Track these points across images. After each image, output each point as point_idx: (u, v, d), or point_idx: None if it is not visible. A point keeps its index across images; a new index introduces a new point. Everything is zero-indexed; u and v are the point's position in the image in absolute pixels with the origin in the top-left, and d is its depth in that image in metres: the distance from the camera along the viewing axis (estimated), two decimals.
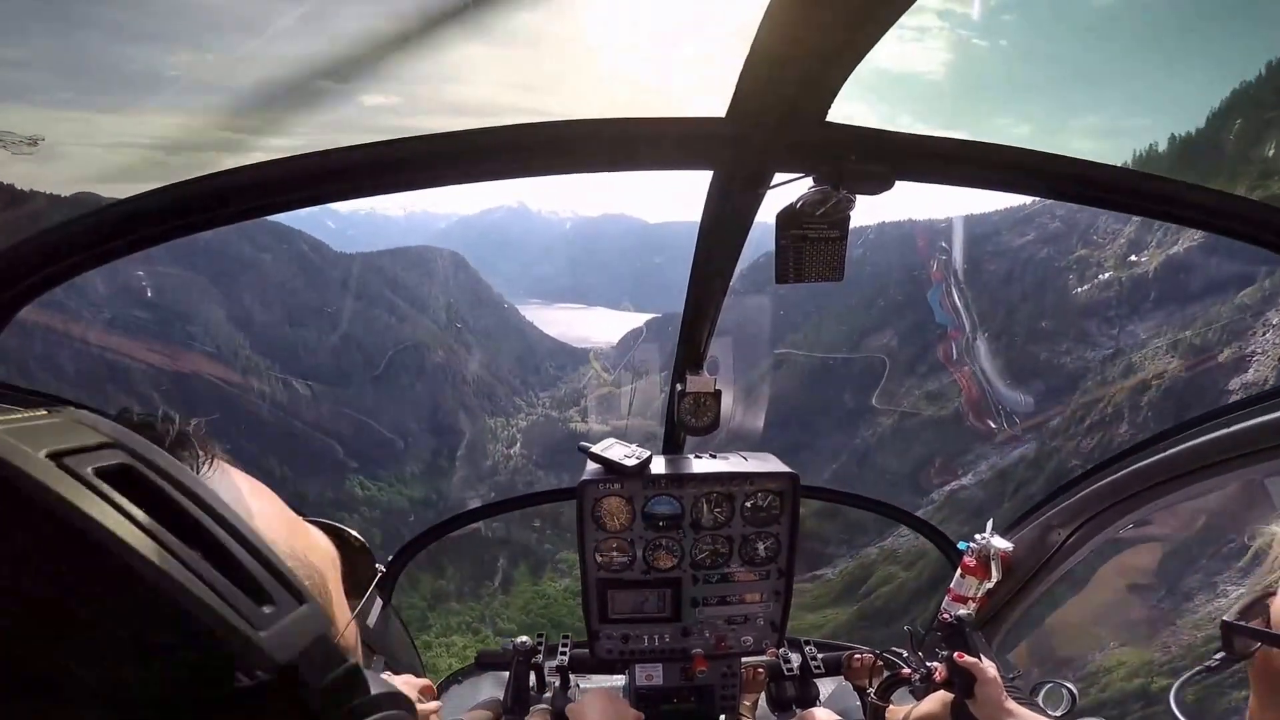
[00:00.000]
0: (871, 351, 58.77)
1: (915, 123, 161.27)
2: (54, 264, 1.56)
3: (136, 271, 55.91)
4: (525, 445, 70.05)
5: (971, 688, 1.99)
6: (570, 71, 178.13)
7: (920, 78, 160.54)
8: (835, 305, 66.56)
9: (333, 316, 73.32)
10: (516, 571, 50.01)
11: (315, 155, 1.52)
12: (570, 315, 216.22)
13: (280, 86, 1.47)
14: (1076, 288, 46.38)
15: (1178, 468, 2.43)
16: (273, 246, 74.30)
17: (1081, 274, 46.36)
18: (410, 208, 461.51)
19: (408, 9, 1.42)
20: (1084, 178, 1.72)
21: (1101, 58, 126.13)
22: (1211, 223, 1.82)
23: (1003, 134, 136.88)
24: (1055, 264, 50.63)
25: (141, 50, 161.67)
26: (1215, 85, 33.49)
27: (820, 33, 1.16)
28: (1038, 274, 51.13)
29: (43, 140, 2.29)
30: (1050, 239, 53.00)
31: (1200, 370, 32.83)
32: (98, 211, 1.53)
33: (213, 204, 1.57)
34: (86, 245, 1.56)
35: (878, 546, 42.03)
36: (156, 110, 17.71)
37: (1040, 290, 49.63)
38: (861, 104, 58.09)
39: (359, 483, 57.02)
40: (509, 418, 75.81)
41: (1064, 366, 43.36)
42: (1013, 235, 56.28)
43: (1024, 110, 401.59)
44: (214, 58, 27.28)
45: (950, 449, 45.90)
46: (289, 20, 14.68)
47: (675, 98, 37.36)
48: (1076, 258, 48.60)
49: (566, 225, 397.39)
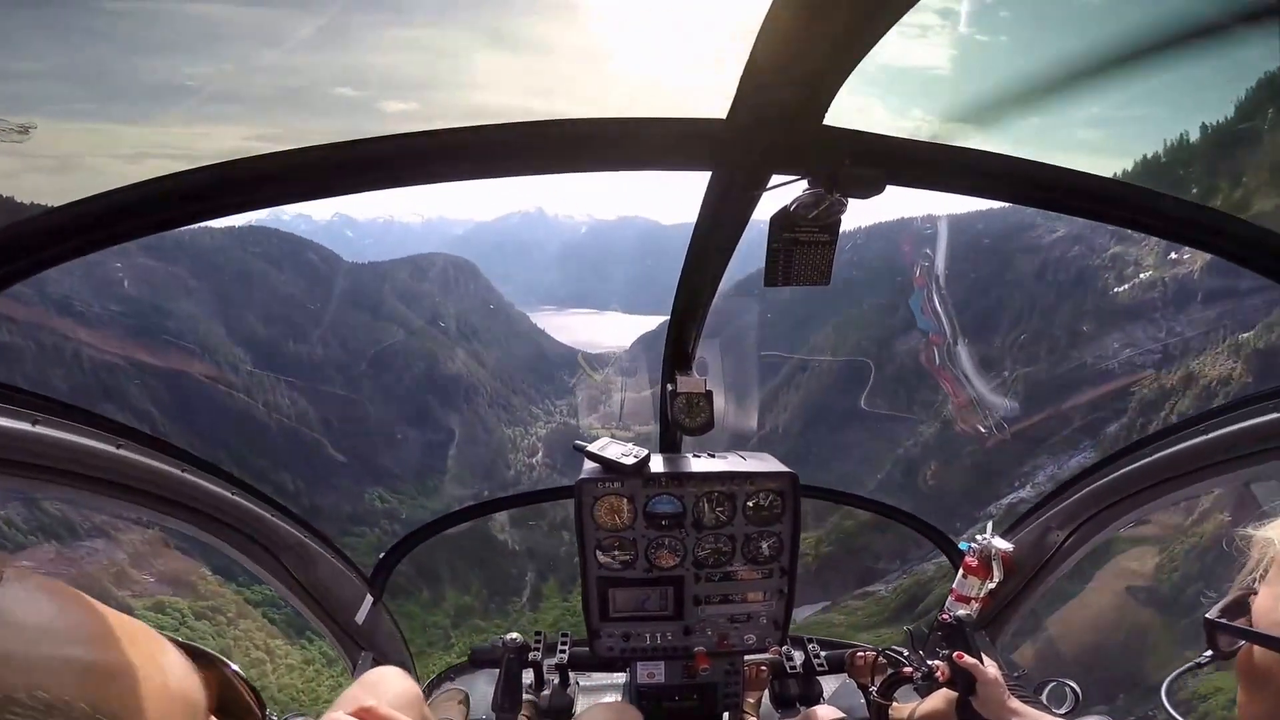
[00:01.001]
0: (901, 356, 56.70)
1: (916, 121, 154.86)
2: (30, 255, 1.52)
3: (138, 276, 55.61)
4: (546, 453, 68.59)
5: (974, 687, 2.01)
6: (577, 74, 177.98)
7: (922, 73, 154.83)
8: (860, 309, 64.21)
9: (341, 327, 72.38)
10: (545, 586, 48.13)
11: (318, 149, 1.53)
12: (585, 320, 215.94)
13: (300, 95, 1.49)
14: (1116, 287, 44.77)
15: (1174, 468, 2.44)
16: (281, 257, 73.76)
17: (1120, 273, 44.03)
18: (427, 214, 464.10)
19: (423, 19, 1.44)
20: (1074, 188, 1.74)
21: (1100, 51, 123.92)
22: (1203, 240, 1.84)
23: (1007, 130, 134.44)
24: (1089, 262, 48.74)
25: (160, 62, 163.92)
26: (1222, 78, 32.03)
27: (820, 35, 1.18)
28: (1072, 274, 49.16)
29: (34, 128, 2.32)
30: (1079, 237, 51.12)
31: (1268, 370, 31.38)
32: (84, 201, 1.50)
33: (217, 193, 1.56)
34: (71, 235, 1.53)
35: (934, 563, 39.37)
36: (177, 121, 18.08)
37: (1078, 291, 47.86)
38: (859, 99, 57.44)
39: (378, 496, 55.33)
40: (527, 427, 74.04)
41: (1113, 371, 41.32)
42: (1041, 232, 54.20)
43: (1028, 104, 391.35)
44: (232, 68, 27.61)
45: (1005, 459, 42.87)
46: (307, 30, 14.67)
47: (676, 99, 37.50)
48: (1111, 255, 46.91)
49: (582, 230, 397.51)
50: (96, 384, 45.14)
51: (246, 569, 2.80)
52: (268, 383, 58.17)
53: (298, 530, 2.82)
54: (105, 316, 53.73)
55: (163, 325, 57.06)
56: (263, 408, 55.13)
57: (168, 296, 59.62)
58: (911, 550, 40.17)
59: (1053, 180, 1.71)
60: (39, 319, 42.37)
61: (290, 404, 57.73)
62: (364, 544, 38.30)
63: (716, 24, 3.46)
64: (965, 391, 45.14)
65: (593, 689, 3.36)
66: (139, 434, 2.14)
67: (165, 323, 57.53)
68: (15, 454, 1.75)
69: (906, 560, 40.62)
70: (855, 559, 41.17)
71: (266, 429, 53.41)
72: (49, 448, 1.82)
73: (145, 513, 2.25)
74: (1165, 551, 22.15)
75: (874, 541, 41.19)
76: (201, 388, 54.03)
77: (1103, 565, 20.74)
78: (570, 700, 3.08)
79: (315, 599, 2.97)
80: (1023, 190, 1.75)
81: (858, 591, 39.91)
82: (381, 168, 1.58)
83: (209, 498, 2.40)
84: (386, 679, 2.16)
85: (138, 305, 56.68)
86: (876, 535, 40.58)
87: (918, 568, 38.83)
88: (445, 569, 40.93)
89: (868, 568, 41.27)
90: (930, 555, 39.13)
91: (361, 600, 3.15)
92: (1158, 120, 74.09)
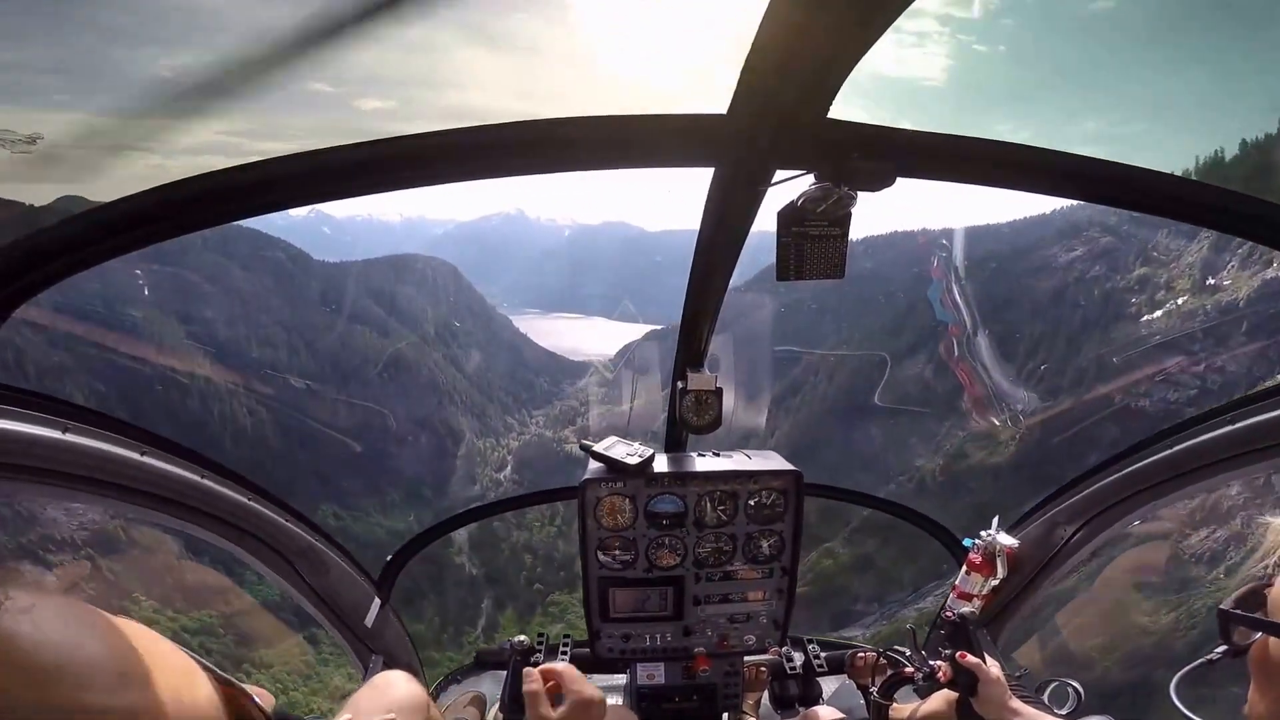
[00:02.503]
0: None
1: (916, 126, 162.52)
2: (46, 265, 1.54)
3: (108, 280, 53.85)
4: (516, 469, 66.17)
5: (975, 687, 1.99)
6: (571, 70, 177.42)
7: (920, 82, 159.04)
8: (875, 317, 62.22)
9: (309, 331, 69.34)
10: (503, 616, 46.30)
11: (307, 155, 1.51)
12: (567, 325, 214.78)
13: (277, 90, 1.46)
14: (1146, 314, 42.02)
15: (1182, 465, 2.43)
16: (243, 256, 70.47)
17: (1151, 298, 42.08)
18: (407, 214, 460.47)
19: (405, 14, 1.41)
20: (1087, 175, 1.71)
21: (1099, 60, 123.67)
22: (1222, 222, 1.81)
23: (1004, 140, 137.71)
24: (1113, 284, 45.73)
25: (138, 53, 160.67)
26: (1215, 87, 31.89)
27: (821, 29, 1.15)
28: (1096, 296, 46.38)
29: (41, 139, 2.28)
30: (1101, 254, 48.27)
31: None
32: (90, 212, 1.51)
33: (208, 204, 1.55)
34: (82, 245, 1.54)
35: (915, 609, 37.23)
36: (154, 113, 17.88)
37: (1103, 317, 45.00)
38: (861, 109, 58.49)
39: (331, 513, 52.21)
40: (499, 438, 71.95)
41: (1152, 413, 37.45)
42: (1059, 250, 52.26)
43: (1025, 112, 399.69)
44: (210, 60, 27.54)
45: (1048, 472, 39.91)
46: (288, 23, 14.76)
47: (677, 95, 36.50)
48: (1138, 277, 44.41)
49: (565, 233, 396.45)
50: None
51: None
52: (224, 389, 55.73)
53: (309, 534, 2.81)
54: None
55: (119, 322, 54.74)
56: (213, 414, 52.59)
57: (122, 294, 57.17)
58: (891, 594, 39.69)
59: (1077, 169, 1.68)
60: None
61: (242, 410, 54.88)
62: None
63: (716, 18, 3.44)
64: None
65: None
66: (160, 439, 2.13)
67: (121, 320, 55.13)
68: (49, 463, 1.76)
69: (885, 604, 40.06)
70: (834, 600, 40.43)
71: (219, 438, 50.73)
72: (80, 456, 1.81)
73: (167, 519, 2.24)
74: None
75: (852, 583, 40.67)
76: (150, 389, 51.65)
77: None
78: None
79: (327, 603, 2.98)
80: (1040, 180, 1.73)
81: (832, 636, 39.00)
82: (403, 168, 1.57)
83: (226, 503, 2.40)
84: (392, 682, 2.18)
85: (88, 300, 54.08)
86: (855, 576, 40.11)
87: (899, 613, 38.08)
88: (397, 595, 41.00)
89: (845, 610, 40.63)
90: (909, 599, 38.62)
91: (370, 604, 3.16)
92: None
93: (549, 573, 49.15)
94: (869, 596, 40.66)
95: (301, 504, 2.85)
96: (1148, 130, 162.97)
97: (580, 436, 66.27)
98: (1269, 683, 1.19)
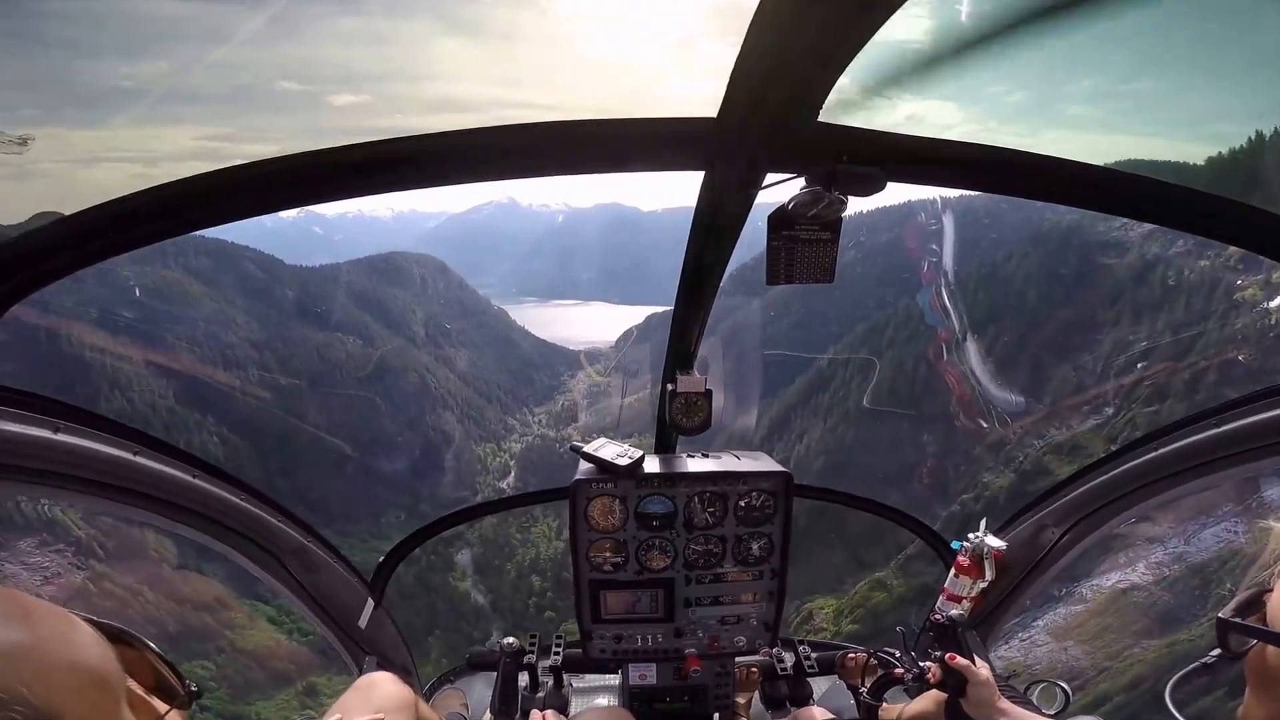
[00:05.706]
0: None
1: (905, 96, 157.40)
2: (31, 269, 1.53)
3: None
4: (519, 476, 63.86)
5: (964, 688, 2.01)
6: (556, 72, 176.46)
7: (906, 46, 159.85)
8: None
9: (286, 340, 66.14)
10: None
11: (297, 157, 1.49)
12: (565, 313, 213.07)
13: (252, 92, 1.43)
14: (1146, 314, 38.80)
15: (1168, 467, 2.45)
16: (206, 269, 67.04)
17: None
18: (398, 208, 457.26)
19: (372, 7, 1.36)
20: (1075, 178, 1.71)
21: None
22: (1210, 229, 1.82)
23: (996, 101, 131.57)
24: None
25: (108, 65, 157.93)
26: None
27: (811, 31, 1.14)
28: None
29: (33, 140, 2.25)
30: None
31: None
32: (78, 215, 1.50)
33: (193, 207, 1.54)
34: (67, 248, 1.53)
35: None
36: (128, 124, 16.85)
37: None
38: (859, 94, 57.20)
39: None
40: (500, 442, 69.80)
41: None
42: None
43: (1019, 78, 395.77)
44: (184, 67, 26.05)
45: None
46: (257, 23, 14.08)
47: (665, 98, 36.64)
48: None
49: (559, 219, 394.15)
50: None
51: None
52: (203, 395, 54.16)
53: (300, 534, 2.80)
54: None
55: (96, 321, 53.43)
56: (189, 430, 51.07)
57: (100, 294, 55.91)
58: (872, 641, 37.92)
59: (1054, 170, 1.68)
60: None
61: (212, 430, 53.12)
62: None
63: (704, 20, 3.42)
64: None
65: (587, 690, 3.37)
66: (150, 439, 2.12)
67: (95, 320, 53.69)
68: (41, 463, 1.75)
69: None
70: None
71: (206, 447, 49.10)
72: (71, 455, 1.80)
73: (157, 519, 2.22)
74: None
75: (910, 620, 38.73)
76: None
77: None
78: (565, 701, 3.11)
79: (319, 603, 2.97)
80: (1024, 183, 1.73)
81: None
82: (391, 171, 1.56)
83: (217, 503, 2.39)
84: (378, 684, 2.19)
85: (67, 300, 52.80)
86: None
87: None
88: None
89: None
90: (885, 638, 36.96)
91: (363, 605, 3.16)
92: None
93: (559, 596, 47.23)
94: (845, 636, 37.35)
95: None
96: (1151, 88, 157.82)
97: (584, 435, 64.68)
98: (1265, 690, 1.19)
